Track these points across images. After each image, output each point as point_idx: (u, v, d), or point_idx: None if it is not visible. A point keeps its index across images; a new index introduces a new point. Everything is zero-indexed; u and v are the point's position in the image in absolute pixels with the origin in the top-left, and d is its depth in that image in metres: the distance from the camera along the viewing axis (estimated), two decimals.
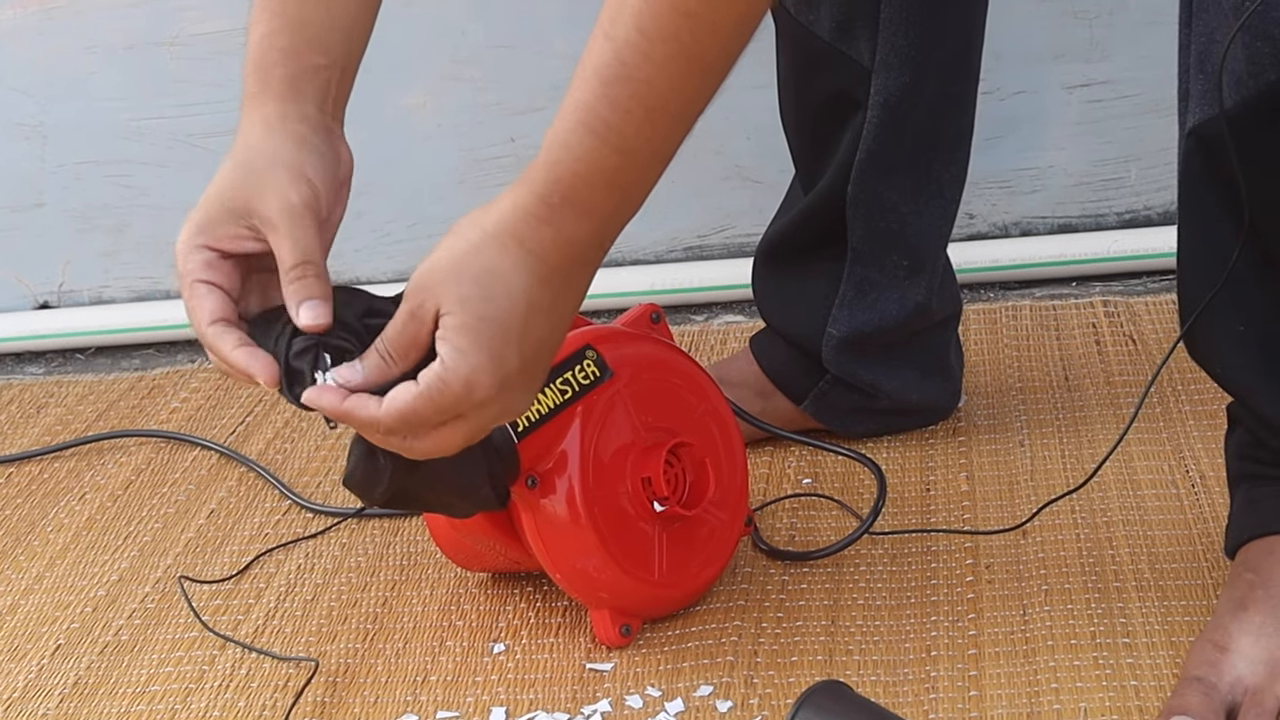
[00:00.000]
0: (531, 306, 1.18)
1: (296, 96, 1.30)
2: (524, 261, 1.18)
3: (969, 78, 1.67)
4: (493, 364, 1.18)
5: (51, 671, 1.55)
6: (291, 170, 1.26)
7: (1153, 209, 2.19)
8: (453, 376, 1.18)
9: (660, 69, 1.11)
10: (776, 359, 1.76)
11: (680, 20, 1.10)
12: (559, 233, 1.17)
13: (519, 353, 1.19)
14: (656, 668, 1.44)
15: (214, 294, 1.26)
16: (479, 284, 1.17)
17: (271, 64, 1.31)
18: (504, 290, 1.17)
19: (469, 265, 1.18)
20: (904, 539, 1.59)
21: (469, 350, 1.17)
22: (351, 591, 1.62)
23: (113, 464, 1.96)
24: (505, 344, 1.18)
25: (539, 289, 1.18)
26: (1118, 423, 1.75)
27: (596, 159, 1.15)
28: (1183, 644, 1.38)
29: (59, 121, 2.32)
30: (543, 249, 1.17)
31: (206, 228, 1.26)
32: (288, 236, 1.24)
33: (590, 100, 1.13)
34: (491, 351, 1.18)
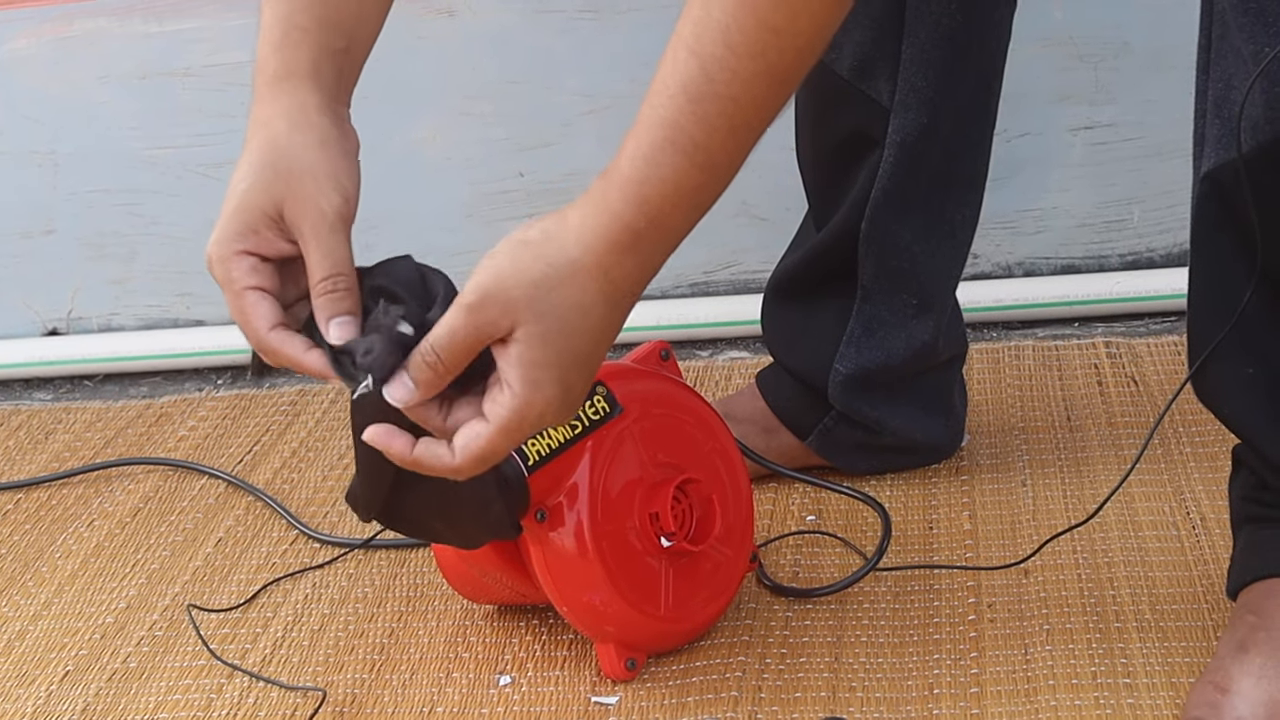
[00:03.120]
0: (605, 335, 1.18)
1: (319, 83, 1.29)
2: (605, 294, 1.16)
3: (986, 122, 1.69)
4: (563, 393, 1.17)
5: (60, 698, 1.56)
6: (322, 176, 1.25)
7: (1155, 251, 2.21)
8: (529, 409, 1.17)
9: (747, 86, 1.10)
10: (782, 395, 1.77)
11: (769, 37, 1.09)
12: (642, 261, 1.16)
13: (585, 379, 1.19)
14: (661, 702, 1.45)
15: (266, 300, 1.25)
16: (563, 319, 1.15)
17: (294, 44, 1.29)
18: (587, 325, 1.16)
19: (553, 295, 1.15)
20: (907, 577, 1.60)
21: (546, 384, 1.16)
22: (359, 622, 1.63)
23: (121, 491, 1.97)
24: (577, 374, 1.18)
25: (612, 316, 1.17)
26: (1119, 463, 1.76)
27: (684, 178, 1.13)
28: (1183, 685, 1.39)
29: (71, 149, 2.33)
30: (625, 278, 1.16)
31: (245, 233, 1.25)
32: (318, 248, 1.24)
33: (676, 117, 1.12)
34: (565, 384, 1.17)
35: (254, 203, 1.25)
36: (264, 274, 1.25)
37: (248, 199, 1.25)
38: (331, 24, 1.31)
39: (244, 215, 1.25)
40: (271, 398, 2.19)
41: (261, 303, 1.24)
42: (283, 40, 1.30)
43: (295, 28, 1.30)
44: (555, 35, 2.21)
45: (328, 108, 1.29)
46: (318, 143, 1.26)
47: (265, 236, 1.25)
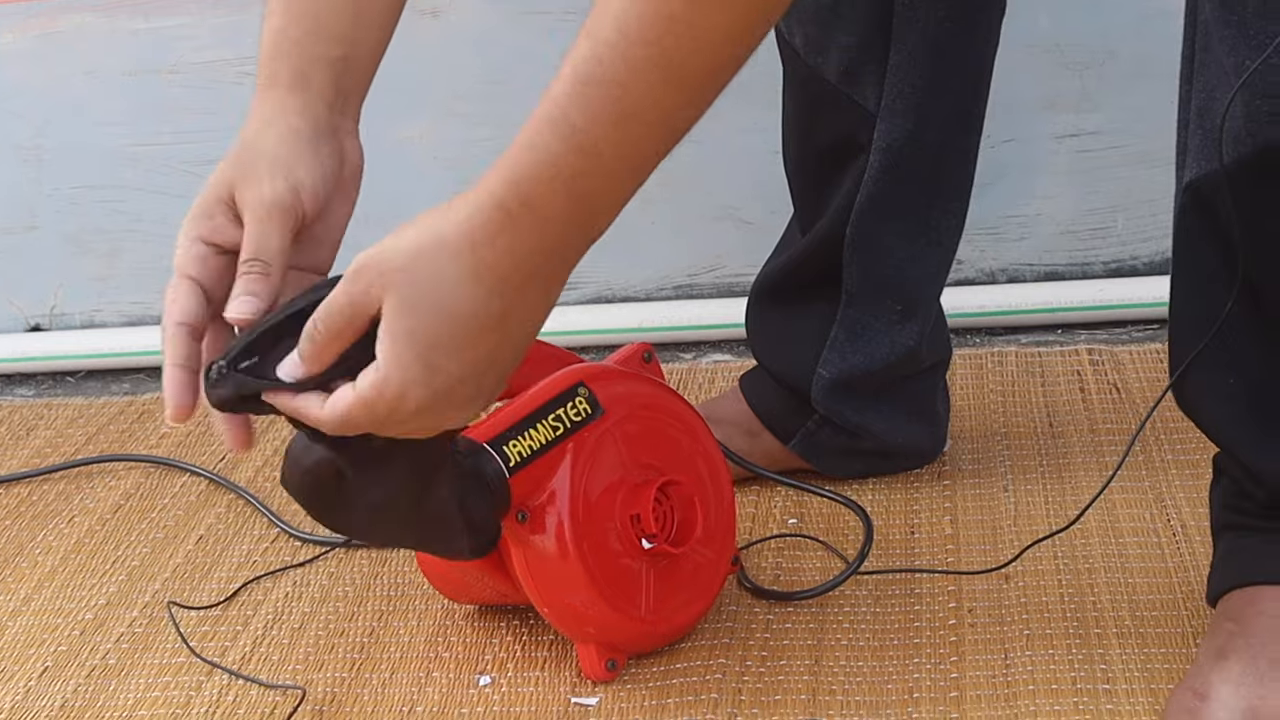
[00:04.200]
0: (477, 319, 1.13)
1: (302, 90, 1.29)
2: (474, 271, 1.12)
3: (972, 129, 1.69)
4: (427, 374, 1.14)
5: (39, 694, 1.56)
6: (274, 165, 1.25)
7: (1139, 259, 2.21)
8: (386, 386, 1.15)
9: (637, 74, 1.06)
10: (765, 398, 1.78)
11: (664, 25, 1.05)
12: (514, 242, 1.11)
13: (458, 365, 1.15)
14: (641, 703, 1.45)
15: (194, 295, 1.25)
16: (427, 290, 1.12)
17: (282, 55, 1.30)
18: (450, 300, 1.13)
19: (423, 267, 1.12)
20: (887, 581, 1.60)
21: (407, 361, 1.14)
22: (339, 620, 1.63)
23: (102, 488, 1.97)
24: (444, 356, 1.14)
25: (487, 300, 1.13)
26: (1101, 470, 1.77)
27: (560, 161, 1.08)
28: (1162, 691, 1.39)
29: (55, 145, 2.33)
30: (495, 258, 1.11)
31: (200, 218, 1.26)
32: (249, 231, 1.24)
33: (559, 100, 1.08)
34: (427, 362, 1.14)
35: (211, 187, 1.27)
36: (209, 267, 1.26)
37: (208, 184, 1.27)
38: (325, 34, 1.31)
39: (202, 200, 1.27)
40: None
41: (188, 296, 1.25)
42: (274, 52, 1.31)
43: (286, 39, 1.31)
44: (541, 36, 2.21)
45: (310, 112, 1.29)
46: (282, 136, 1.27)
47: (219, 221, 1.26)
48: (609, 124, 1.07)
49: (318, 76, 1.30)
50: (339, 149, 1.31)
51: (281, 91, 1.30)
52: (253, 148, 1.27)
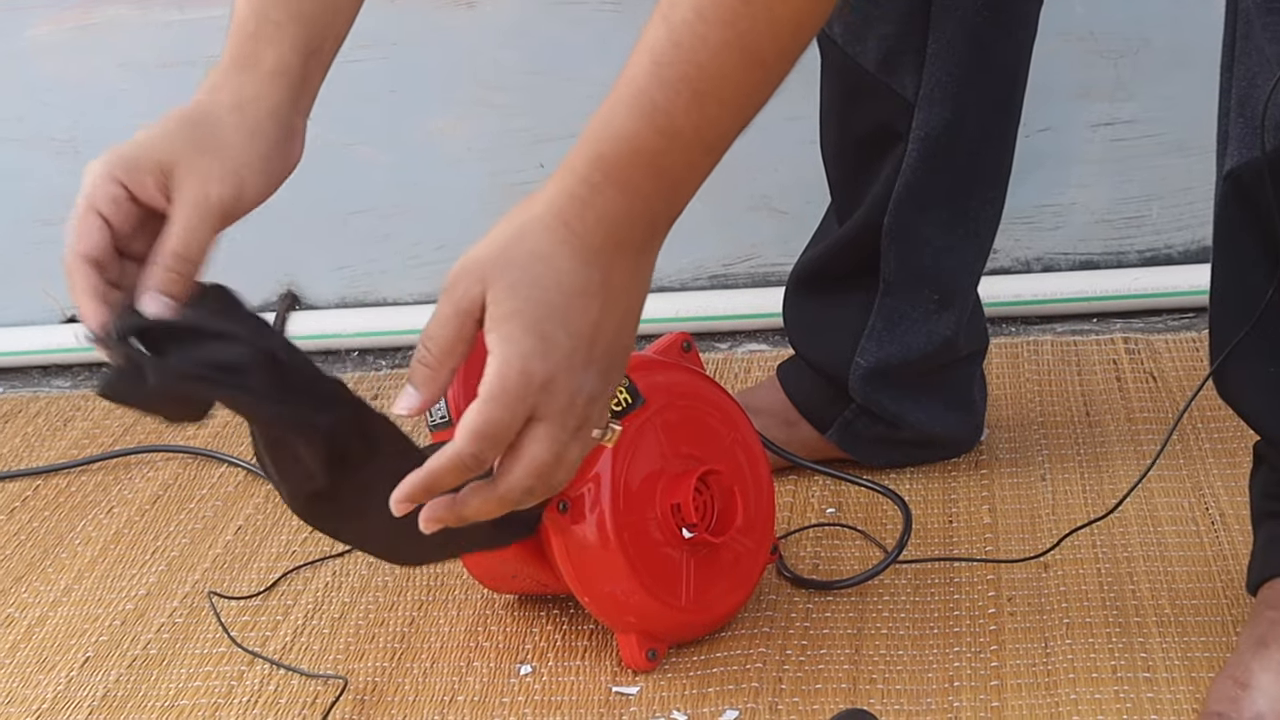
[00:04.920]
0: (576, 288, 1.15)
1: (281, 83, 1.29)
2: (569, 242, 1.15)
3: (1010, 118, 1.69)
4: (543, 346, 1.14)
5: (80, 684, 1.57)
6: (228, 165, 1.25)
7: (1174, 247, 2.21)
8: (506, 367, 1.14)
9: (714, 54, 1.10)
10: (803, 387, 1.78)
11: (739, 6, 1.09)
12: (601, 213, 1.14)
13: (568, 335, 1.15)
14: (682, 692, 1.46)
15: (102, 231, 1.24)
16: (524, 268, 1.14)
17: (267, 39, 1.30)
18: (549, 272, 1.15)
19: (514, 249, 1.15)
20: (926, 570, 1.60)
21: (518, 336, 1.14)
22: (379, 610, 1.63)
23: (140, 478, 1.98)
24: (554, 326, 1.15)
25: (585, 270, 1.15)
26: (1138, 459, 1.77)
27: (639, 138, 1.13)
28: (1203, 680, 1.39)
29: (90, 137, 2.34)
30: (586, 230, 1.15)
31: (129, 167, 1.25)
32: (183, 225, 1.23)
33: (639, 78, 1.12)
34: (540, 334, 1.14)
35: (151, 146, 1.26)
36: (121, 210, 1.25)
37: (148, 140, 1.26)
38: (306, 21, 1.31)
39: (136, 150, 1.26)
40: None
41: (96, 231, 1.24)
42: (257, 32, 1.30)
43: (269, 22, 1.30)
44: (575, 26, 2.21)
45: (280, 112, 1.29)
46: (249, 133, 1.27)
47: (145, 180, 1.25)
48: (687, 103, 1.11)
49: (296, 70, 1.30)
50: (287, 154, 1.31)
51: (262, 78, 1.29)
52: (213, 131, 1.26)
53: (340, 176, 2.28)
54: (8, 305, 2.41)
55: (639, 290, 1.20)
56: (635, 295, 1.20)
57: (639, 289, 1.20)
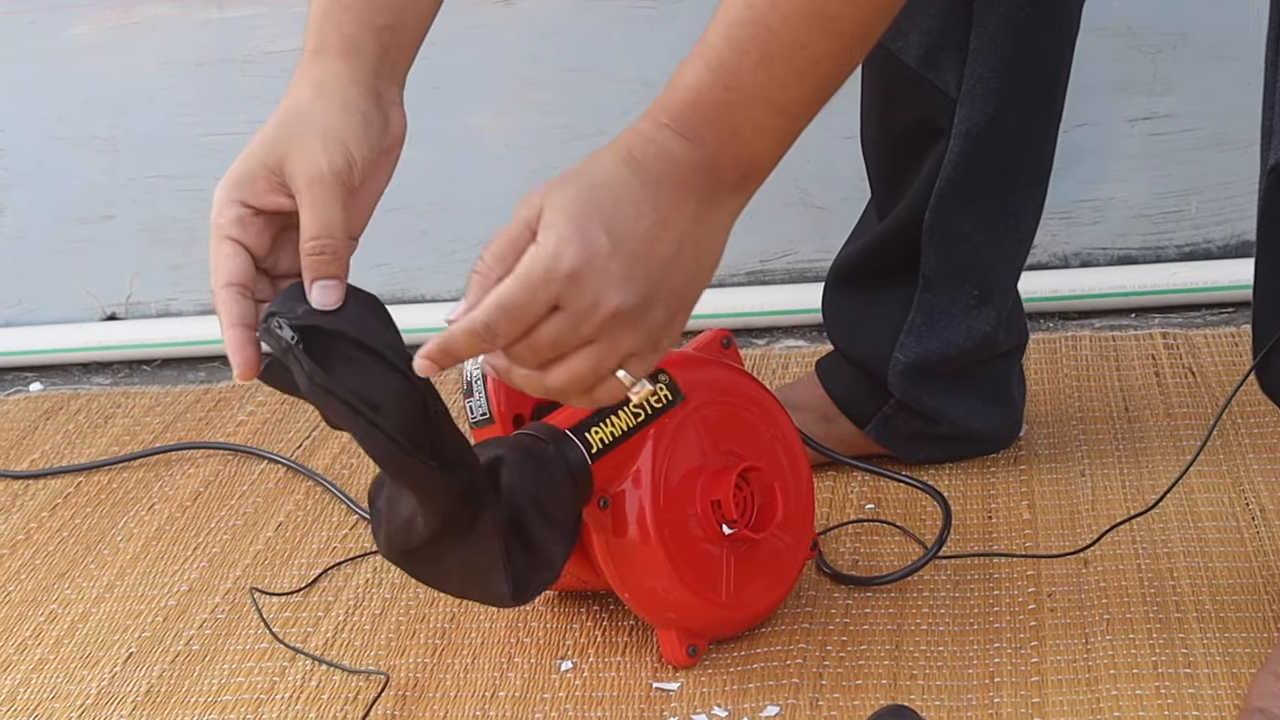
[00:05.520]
0: (630, 199, 1.17)
1: (354, 57, 1.30)
2: (628, 161, 1.18)
3: (1052, 114, 1.69)
4: (579, 236, 1.15)
5: (124, 679, 1.58)
6: (329, 136, 1.26)
7: (1213, 242, 2.21)
8: (539, 248, 1.16)
9: (784, 19, 1.13)
10: (842, 383, 1.78)
11: None
12: (665, 149, 1.18)
13: (609, 236, 1.16)
14: (723, 688, 1.46)
15: (239, 256, 1.26)
16: (582, 175, 1.17)
17: (332, 22, 1.31)
18: (602, 178, 1.17)
19: (578, 171, 1.18)
20: (966, 565, 1.60)
21: (559, 223, 1.15)
22: (419, 606, 1.64)
23: (181, 475, 1.99)
24: (594, 222, 1.16)
25: (642, 189, 1.17)
26: (1178, 454, 1.76)
27: (704, 90, 1.16)
28: (1244, 675, 1.39)
29: (130, 135, 2.35)
30: (647, 158, 1.18)
31: (243, 182, 1.26)
32: (311, 206, 1.24)
33: (711, 38, 1.16)
34: (580, 225, 1.15)
35: (257, 153, 1.27)
36: (250, 228, 1.27)
37: (253, 150, 1.27)
38: (376, 2, 1.32)
39: (245, 163, 1.27)
40: None
41: (233, 257, 1.26)
42: (324, 18, 1.32)
43: (337, 5, 1.32)
44: (613, 23, 2.22)
45: (361, 81, 1.30)
46: (338, 107, 1.28)
47: (260, 186, 1.26)
48: (754, 63, 1.15)
49: (368, 44, 1.31)
50: (385, 119, 1.32)
51: (332, 58, 1.30)
52: (304, 117, 1.27)
53: None
54: (49, 303, 2.43)
55: (695, 243, 1.20)
56: (690, 244, 1.20)
57: (695, 242, 1.20)
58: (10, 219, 2.41)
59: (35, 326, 2.42)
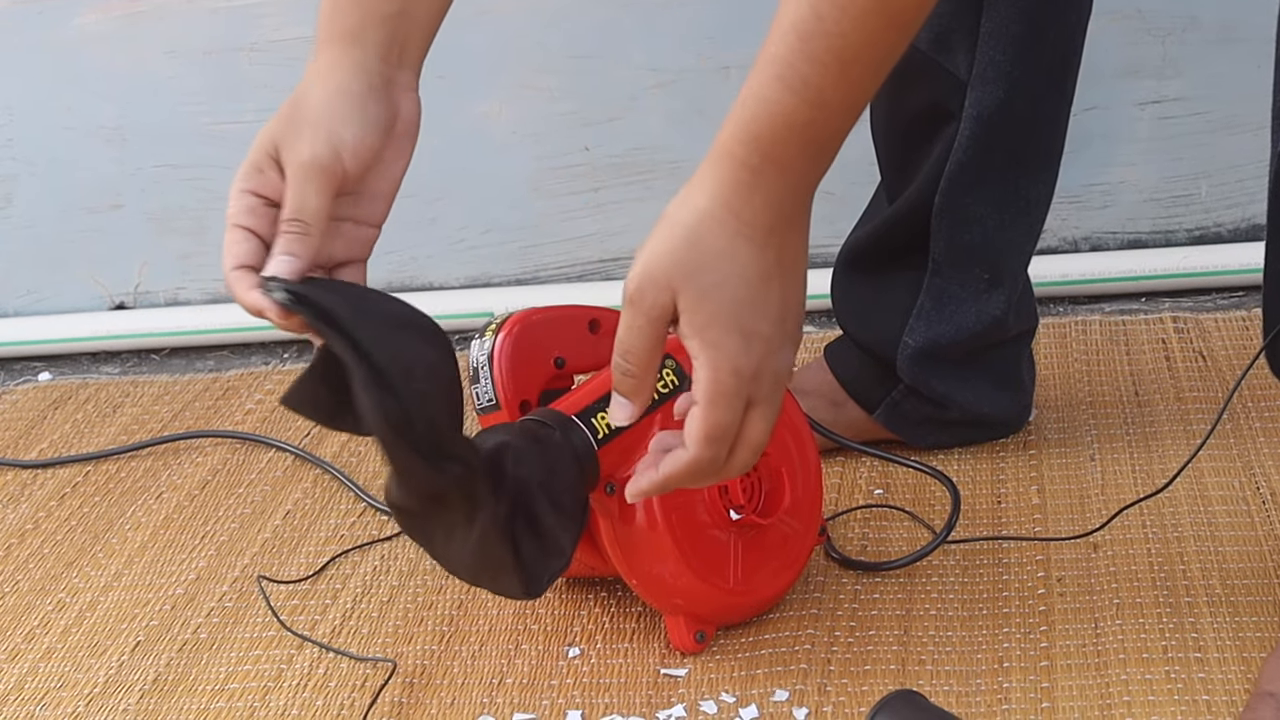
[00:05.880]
0: (761, 275, 1.18)
1: (358, 45, 1.32)
2: (742, 233, 1.18)
3: (1063, 97, 1.68)
4: (745, 343, 1.19)
5: (132, 668, 1.58)
6: (319, 125, 1.28)
7: (1223, 226, 2.20)
8: (718, 370, 1.18)
9: (856, 22, 1.13)
10: (850, 368, 1.77)
11: None
12: (767, 195, 1.17)
13: (766, 322, 1.19)
14: (731, 674, 1.46)
15: (248, 240, 1.29)
16: (710, 271, 1.18)
17: (339, 12, 1.33)
18: (733, 269, 1.18)
19: (695, 252, 1.18)
20: (975, 550, 1.59)
21: (722, 340, 1.18)
22: (427, 594, 1.64)
23: (189, 464, 1.99)
24: (752, 319, 1.19)
25: (763, 255, 1.18)
26: (1188, 438, 1.76)
27: (792, 113, 1.15)
28: (1254, 659, 1.39)
29: (138, 124, 2.35)
30: (754, 215, 1.18)
31: (251, 173, 1.30)
32: (290, 190, 1.28)
33: (785, 55, 1.14)
34: (741, 331, 1.18)
35: (262, 144, 1.30)
36: (260, 216, 1.30)
37: (259, 141, 1.30)
38: None
39: (253, 155, 1.30)
40: None
41: (242, 243, 1.29)
42: (332, 9, 1.34)
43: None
44: (622, 9, 2.21)
45: (364, 68, 1.32)
46: (330, 93, 1.30)
47: (267, 176, 1.29)
48: (836, 72, 1.14)
49: (373, 32, 1.32)
50: (390, 104, 1.33)
51: (335, 47, 1.32)
52: (300, 105, 1.30)
53: None
54: (58, 292, 2.43)
55: (804, 254, 1.23)
56: (805, 261, 1.23)
57: (804, 253, 1.23)
58: (19, 209, 2.41)
59: (44, 316, 2.43)
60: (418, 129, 1.36)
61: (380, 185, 1.34)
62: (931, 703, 1.29)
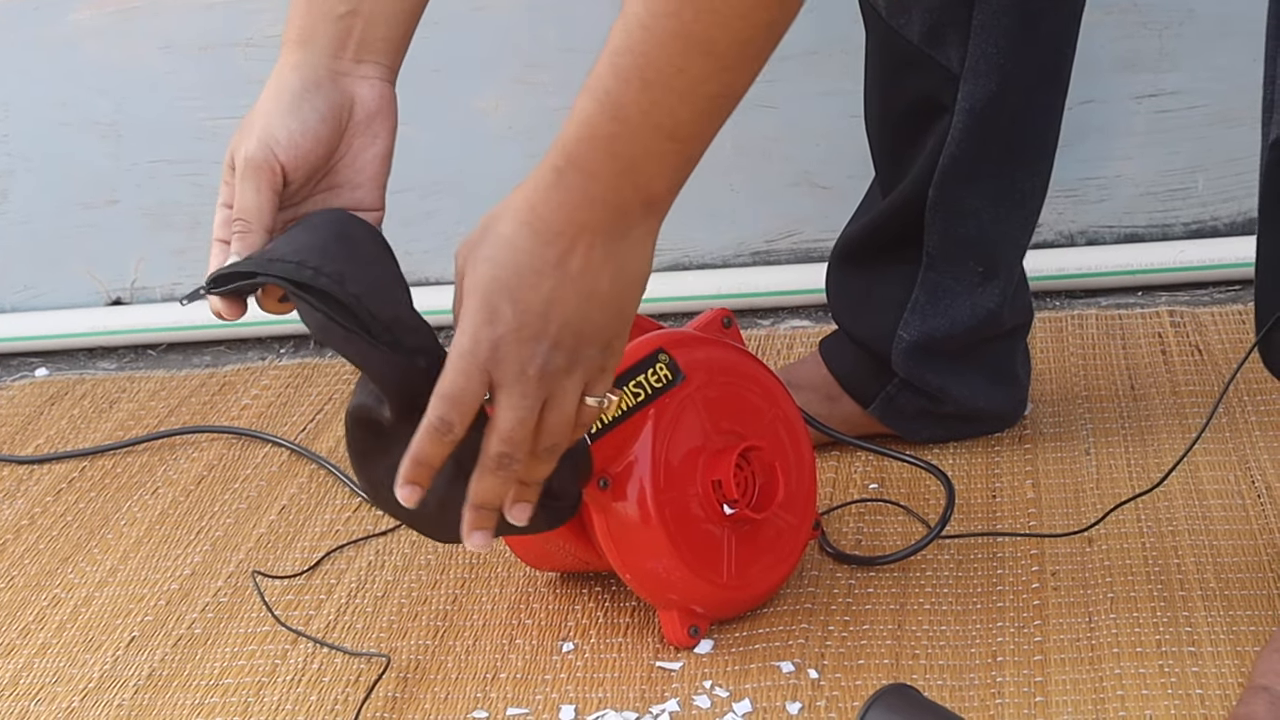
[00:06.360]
0: (530, 265, 1.22)
1: (304, 46, 1.36)
2: (529, 224, 1.22)
3: (1057, 90, 1.68)
4: (490, 317, 1.22)
5: (126, 663, 1.58)
6: (253, 124, 1.33)
7: (1220, 219, 2.20)
8: (460, 335, 1.24)
9: (660, 44, 1.15)
10: (845, 362, 1.77)
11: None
12: (564, 196, 1.21)
13: (514, 310, 1.22)
14: (724, 668, 1.45)
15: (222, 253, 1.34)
16: (488, 248, 1.23)
17: (295, 15, 1.37)
18: (506, 251, 1.22)
19: (487, 233, 1.24)
20: (970, 545, 1.59)
21: (472, 308, 1.23)
22: (422, 589, 1.64)
23: (185, 459, 1.98)
24: (501, 299, 1.22)
25: (542, 249, 1.21)
26: (1184, 432, 1.76)
27: (595, 124, 1.19)
28: (1248, 653, 1.38)
29: (134, 120, 2.35)
30: (548, 212, 1.21)
31: (222, 187, 1.36)
32: (236, 191, 1.33)
33: (598, 69, 1.19)
34: (488, 306, 1.22)
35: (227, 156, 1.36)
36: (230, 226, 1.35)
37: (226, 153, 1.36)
38: None
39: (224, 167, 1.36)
40: (334, 366, 2.20)
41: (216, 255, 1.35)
42: (290, 16, 1.38)
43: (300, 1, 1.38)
44: (615, 4, 2.19)
45: (309, 64, 1.35)
46: (270, 95, 1.35)
47: (231, 185, 1.35)
48: (635, 90, 1.17)
49: (322, 33, 1.36)
50: (339, 96, 1.36)
51: (288, 50, 1.36)
52: (253, 110, 1.35)
53: None
54: (54, 288, 2.43)
55: (611, 275, 1.24)
56: (605, 279, 1.24)
57: (611, 274, 1.24)
58: (15, 205, 2.40)
59: (40, 312, 2.42)
60: (391, 115, 1.39)
61: (356, 173, 1.38)
62: (925, 697, 1.29)
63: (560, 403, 1.27)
